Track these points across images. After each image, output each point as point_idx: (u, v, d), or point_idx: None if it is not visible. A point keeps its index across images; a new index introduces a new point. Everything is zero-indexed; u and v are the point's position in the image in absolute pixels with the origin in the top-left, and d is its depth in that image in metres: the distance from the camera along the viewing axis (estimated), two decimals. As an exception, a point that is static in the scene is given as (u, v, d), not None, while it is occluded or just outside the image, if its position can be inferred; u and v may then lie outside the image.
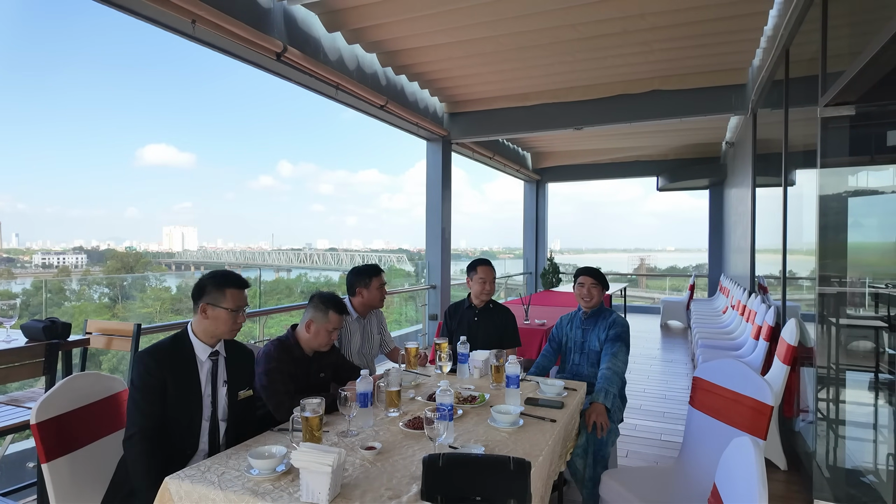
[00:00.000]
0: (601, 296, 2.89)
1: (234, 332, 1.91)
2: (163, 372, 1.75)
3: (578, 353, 2.89)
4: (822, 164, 2.73)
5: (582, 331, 2.90)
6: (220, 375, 1.90)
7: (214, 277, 1.88)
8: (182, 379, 1.80)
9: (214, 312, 1.84)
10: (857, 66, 2.13)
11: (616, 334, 2.73)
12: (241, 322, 1.91)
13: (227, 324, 1.86)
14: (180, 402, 1.78)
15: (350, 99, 4.94)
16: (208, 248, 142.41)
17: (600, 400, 2.44)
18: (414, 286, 7.48)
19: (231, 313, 1.86)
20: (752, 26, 4.26)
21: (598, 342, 2.80)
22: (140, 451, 1.68)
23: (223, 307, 1.85)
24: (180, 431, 1.79)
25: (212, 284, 1.86)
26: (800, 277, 3.63)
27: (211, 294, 1.85)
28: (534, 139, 9.20)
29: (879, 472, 2.49)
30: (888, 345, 2.54)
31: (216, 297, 1.85)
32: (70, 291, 17.14)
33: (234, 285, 1.88)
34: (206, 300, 1.84)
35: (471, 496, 1.36)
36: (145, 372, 1.74)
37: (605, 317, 2.85)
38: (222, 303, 1.85)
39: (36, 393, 2.75)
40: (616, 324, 2.78)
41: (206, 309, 1.84)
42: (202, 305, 1.84)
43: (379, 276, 2.95)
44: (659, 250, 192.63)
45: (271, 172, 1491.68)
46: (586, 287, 2.87)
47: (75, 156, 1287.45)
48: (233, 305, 1.86)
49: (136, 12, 3.13)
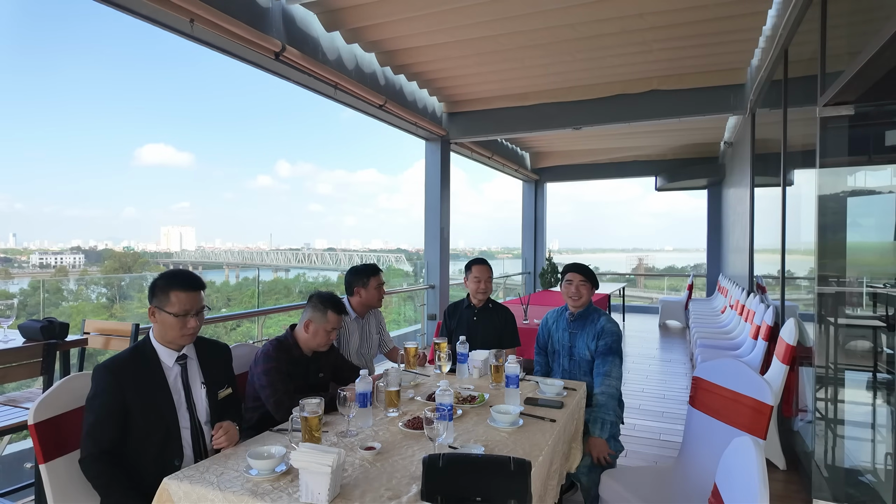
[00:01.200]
0: (590, 294, 2.68)
1: (186, 338, 1.78)
2: (121, 388, 1.65)
3: (567, 359, 2.72)
4: (821, 164, 2.74)
5: (569, 334, 2.70)
6: (194, 378, 1.83)
7: (163, 277, 1.75)
8: (147, 390, 1.69)
9: (161, 317, 1.72)
10: (856, 66, 2.13)
11: (607, 346, 2.55)
12: (192, 327, 1.76)
13: (176, 329, 1.73)
14: (150, 414, 1.69)
15: (349, 98, 4.94)
16: (206, 248, 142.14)
17: (597, 433, 2.36)
18: (412, 286, 7.47)
19: (178, 318, 1.72)
20: (750, 26, 4.27)
21: (587, 350, 2.63)
22: (94, 474, 1.60)
23: (168, 311, 1.72)
24: (160, 443, 1.71)
25: (159, 286, 1.73)
26: (798, 277, 3.64)
27: (157, 296, 1.72)
28: (532, 139, 9.20)
29: (878, 472, 2.49)
30: (886, 344, 2.55)
31: (161, 300, 1.72)
32: (68, 291, 17.11)
33: (179, 286, 1.74)
34: (153, 303, 1.72)
35: (471, 496, 1.36)
36: (101, 391, 1.64)
37: (593, 320, 2.65)
38: (167, 307, 1.72)
39: (33, 393, 2.74)
40: (606, 332, 2.58)
41: (155, 312, 1.73)
42: (150, 308, 1.72)
43: (377, 276, 2.95)
44: (657, 250, 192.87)
45: (269, 172, 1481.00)
46: (574, 285, 2.65)
47: (73, 155, 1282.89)
48: (178, 310, 1.72)
49: (135, 11, 3.12)
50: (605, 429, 2.38)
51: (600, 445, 2.35)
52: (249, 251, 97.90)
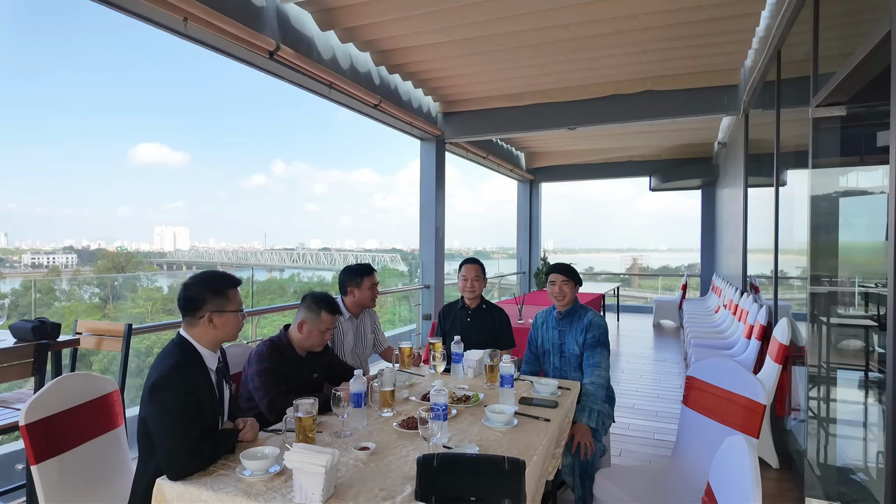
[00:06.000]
0: (574, 292, 2.77)
1: (239, 332, 1.85)
2: (197, 389, 1.65)
3: (558, 356, 2.78)
4: (814, 165, 2.75)
5: (558, 332, 2.78)
6: (224, 379, 1.86)
7: (209, 284, 1.77)
8: (205, 395, 1.70)
9: (222, 319, 1.75)
10: (849, 67, 2.15)
11: (594, 338, 2.64)
12: (244, 318, 1.86)
13: (237, 325, 1.81)
14: (207, 417, 1.69)
15: (343, 98, 4.93)
16: (200, 248, 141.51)
17: (584, 420, 2.38)
18: (407, 286, 7.46)
19: (238, 314, 1.80)
20: (743, 27, 4.29)
21: (576, 346, 2.70)
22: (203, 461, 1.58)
23: (230, 311, 1.78)
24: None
25: (210, 291, 1.76)
26: (791, 277, 3.66)
27: (213, 301, 1.75)
28: (527, 139, 9.22)
29: (869, 470, 2.51)
30: (878, 344, 2.56)
31: (220, 303, 1.76)
32: (60, 291, 16.97)
33: (231, 285, 1.81)
34: (209, 308, 1.74)
35: (465, 496, 1.36)
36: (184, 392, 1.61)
37: (580, 317, 2.74)
38: (228, 306, 1.77)
39: (25, 394, 2.72)
40: (593, 325, 2.68)
41: (213, 318, 1.74)
42: (208, 315, 1.73)
43: (371, 276, 2.94)
44: (651, 250, 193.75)
45: (264, 172, 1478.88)
46: (557, 285, 2.74)
47: (66, 154, 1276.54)
48: (238, 305, 1.81)
49: (129, 10, 3.10)
50: (591, 417, 2.41)
51: (583, 430, 2.35)
52: (244, 251, 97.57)
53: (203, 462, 1.57)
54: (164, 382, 1.59)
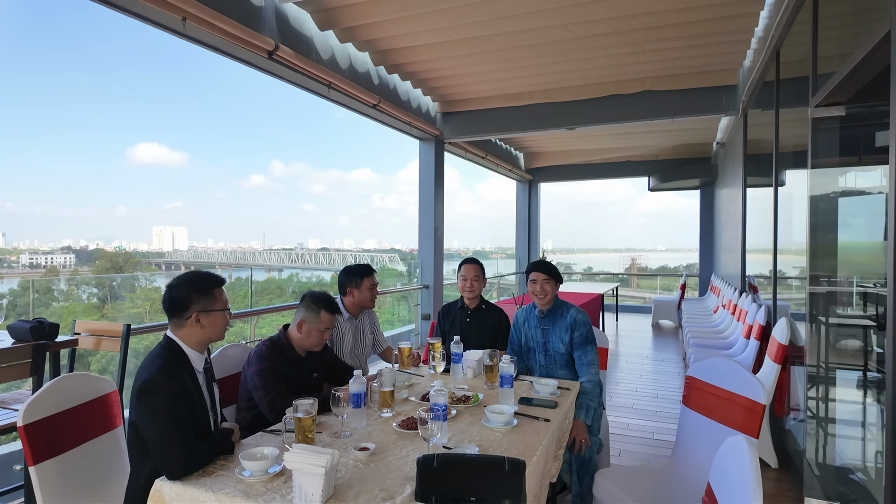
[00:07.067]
0: (555, 290, 2.75)
1: (226, 331, 1.84)
2: (186, 391, 1.64)
3: (543, 355, 2.77)
4: (813, 165, 2.76)
5: (542, 331, 2.76)
6: (211, 380, 1.85)
7: (195, 284, 1.77)
8: (194, 395, 1.68)
9: (210, 318, 1.75)
10: (848, 68, 2.15)
11: (582, 336, 2.64)
12: (230, 317, 1.85)
13: (224, 324, 1.80)
14: (196, 419, 1.67)
15: (342, 98, 4.92)
16: (199, 248, 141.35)
17: (581, 418, 2.42)
18: (406, 286, 7.46)
19: (225, 312, 1.80)
20: (742, 27, 4.29)
21: (561, 344, 2.69)
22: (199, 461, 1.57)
23: (217, 309, 1.77)
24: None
25: (197, 291, 1.75)
26: (790, 277, 3.66)
27: (200, 301, 1.74)
28: (526, 139, 9.22)
29: (868, 470, 2.51)
30: (876, 343, 2.56)
31: (207, 303, 1.75)
32: (58, 291, 16.94)
33: (217, 284, 1.81)
34: (195, 308, 1.73)
35: (465, 497, 1.35)
36: (174, 394, 1.59)
37: (562, 314, 2.72)
38: (215, 305, 1.77)
39: (23, 395, 2.71)
40: (578, 323, 2.66)
41: (201, 318, 1.73)
42: (195, 315, 1.72)
43: (370, 277, 2.93)
44: (650, 250, 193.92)
45: (263, 171, 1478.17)
46: (538, 284, 2.72)
47: (65, 154, 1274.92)
48: (224, 304, 1.80)
49: (127, 9, 3.09)
50: (588, 415, 2.45)
51: (580, 427, 2.39)
52: (242, 251, 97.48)
53: (202, 459, 1.57)
54: (151, 385, 1.58)
